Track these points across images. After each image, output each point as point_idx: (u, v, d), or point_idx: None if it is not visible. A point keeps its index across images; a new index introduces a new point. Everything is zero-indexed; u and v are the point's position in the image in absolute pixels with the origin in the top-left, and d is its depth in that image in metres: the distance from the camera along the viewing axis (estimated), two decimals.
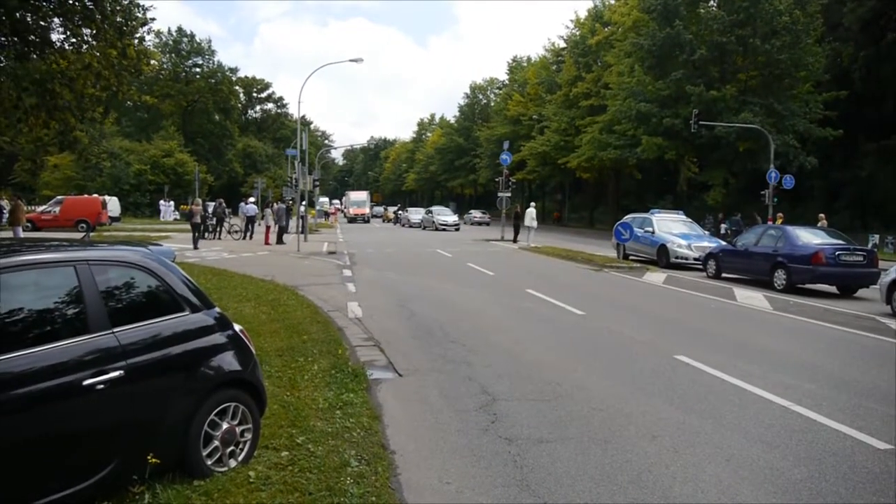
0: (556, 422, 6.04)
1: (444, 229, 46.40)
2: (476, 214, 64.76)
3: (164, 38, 76.30)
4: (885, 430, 5.90)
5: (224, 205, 35.10)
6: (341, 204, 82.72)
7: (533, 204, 36.11)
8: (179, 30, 78.84)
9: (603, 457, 5.20)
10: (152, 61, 31.82)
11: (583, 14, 59.49)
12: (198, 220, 26.45)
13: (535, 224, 31.59)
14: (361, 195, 71.64)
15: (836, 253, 15.41)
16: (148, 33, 21.01)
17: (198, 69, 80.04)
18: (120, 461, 3.86)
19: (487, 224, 58.40)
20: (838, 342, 10.23)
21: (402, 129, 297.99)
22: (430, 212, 52.35)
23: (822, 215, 28.82)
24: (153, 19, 18.64)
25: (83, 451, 3.75)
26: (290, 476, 4.47)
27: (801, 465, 5.09)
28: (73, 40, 17.23)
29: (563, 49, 63.01)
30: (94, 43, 17.14)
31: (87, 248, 4.37)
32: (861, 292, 15.83)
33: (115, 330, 3.97)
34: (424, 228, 49.01)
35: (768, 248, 16.79)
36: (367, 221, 64.76)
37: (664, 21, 39.09)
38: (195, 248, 24.96)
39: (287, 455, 4.82)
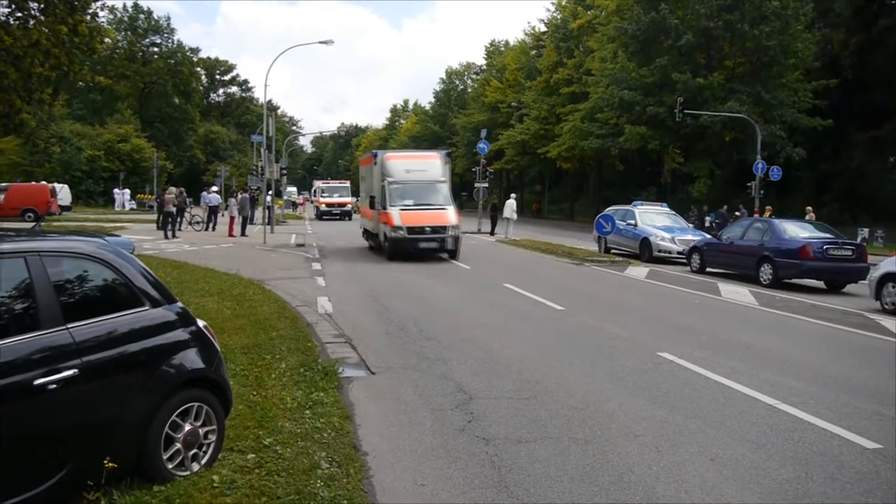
0: (534, 421, 6.10)
1: None
2: None
3: (118, 15, 74.90)
4: (874, 429, 6.04)
5: (185, 194, 34.70)
6: (318, 193, 53.52)
7: (513, 195, 36.24)
8: (135, 6, 77.35)
9: (583, 457, 5.27)
10: (106, 39, 31.33)
11: None
12: (171, 208, 27.08)
13: (514, 216, 31.72)
14: (423, 162, 23.17)
15: (824, 247, 15.70)
16: (101, 9, 20.58)
17: (156, 48, 78.86)
18: (73, 466, 3.81)
19: None
20: (826, 339, 10.44)
21: (374, 116, 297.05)
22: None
23: (809, 208, 29.31)
24: None
25: (33, 455, 3.69)
26: (256, 479, 4.45)
27: (788, 464, 5.20)
28: (19, 15, 16.91)
29: (544, 33, 63.18)
30: (42, 18, 16.85)
31: (38, 238, 4.31)
32: (849, 287, 16.14)
33: (69, 326, 3.91)
34: None
35: (754, 241, 17.05)
36: (449, 251, 20.88)
37: (649, 4, 39.37)
38: (172, 237, 26.01)
39: (254, 457, 4.80)
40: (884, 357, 9.32)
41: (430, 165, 22.71)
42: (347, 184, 54.04)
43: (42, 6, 16.56)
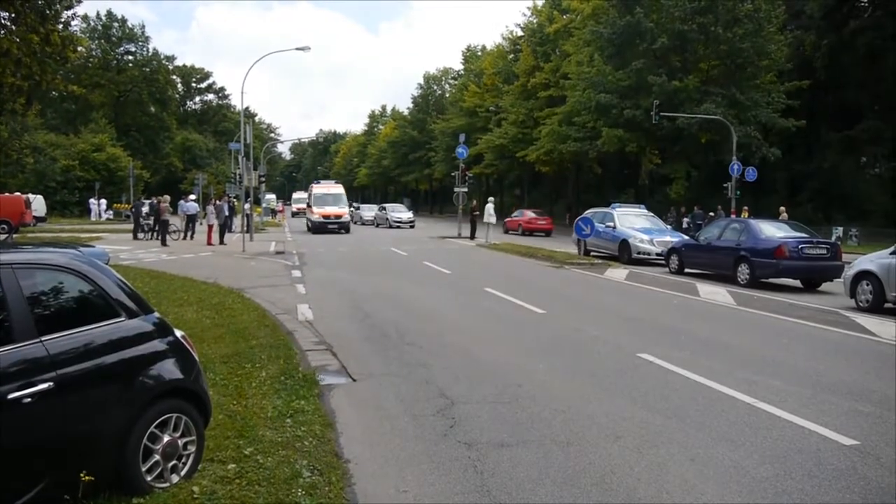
0: (516, 424, 6.11)
1: (398, 226, 46.32)
2: (397, 213, 48.38)
3: (91, 23, 74.23)
4: (851, 425, 6.11)
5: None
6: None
7: (491, 199, 36.28)
8: (109, 14, 76.56)
9: (565, 459, 5.28)
10: (79, 48, 31.04)
11: (540, 1, 59.78)
12: (166, 217, 27.78)
13: (493, 220, 31.77)
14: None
15: (800, 246, 15.89)
16: (73, 18, 20.42)
17: (130, 57, 78.11)
18: (50, 481, 3.76)
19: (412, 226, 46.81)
20: (803, 337, 10.56)
21: (352, 122, 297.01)
22: (384, 208, 52.24)
23: (782, 208, 29.65)
24: (79, 2, 18.29)
25: (7, 470, 3.64)
26: (237, 490, 4.42)
27: (767, 462, 5.25)
28: None
29: (521, 37, 63.33)
30: (13, 28, 16.61)
31: (10, 250, 4.26)
32: (825, 286, 16.35)
33: (44, 339, 3.87)
34: (378, 226, 48.85)
35: (731, 242, 17.22)
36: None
37: (624, 8, 39.70)
38: (165, 244, 26.62)
39: (234, 468, 4.77)
40: (860, 354, 9.45)
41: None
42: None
43: (13, 15, 16.32)
